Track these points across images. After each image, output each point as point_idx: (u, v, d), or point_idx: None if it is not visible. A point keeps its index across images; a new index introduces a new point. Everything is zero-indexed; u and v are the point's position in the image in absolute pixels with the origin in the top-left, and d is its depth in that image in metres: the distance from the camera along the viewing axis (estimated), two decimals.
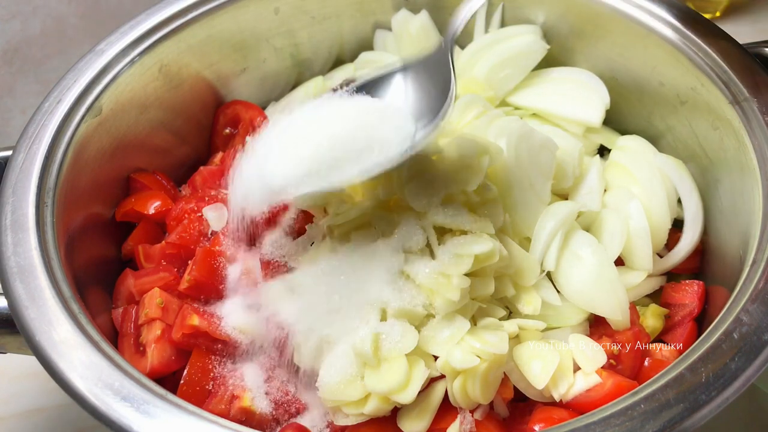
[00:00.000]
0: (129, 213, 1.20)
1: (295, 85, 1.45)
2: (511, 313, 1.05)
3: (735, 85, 1.09)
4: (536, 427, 0.95)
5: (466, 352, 0.93)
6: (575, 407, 0.98)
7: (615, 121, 1.32)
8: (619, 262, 1.13)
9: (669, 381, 0.82)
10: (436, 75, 1.04)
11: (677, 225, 1.18)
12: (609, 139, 1.29)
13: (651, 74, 1.24)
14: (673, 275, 1.18)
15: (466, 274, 0.97)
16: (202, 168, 1.30)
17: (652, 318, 1.09)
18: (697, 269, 1.19)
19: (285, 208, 1.12)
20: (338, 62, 1.47)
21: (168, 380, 1.03)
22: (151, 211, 1.19)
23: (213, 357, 1.03)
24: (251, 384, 0.99)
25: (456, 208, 1.01)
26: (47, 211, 1.02)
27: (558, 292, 1.07)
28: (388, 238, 1.01)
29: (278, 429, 0.99)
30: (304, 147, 0.96)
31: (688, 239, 1.16)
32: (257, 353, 1.06)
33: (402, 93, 1.05)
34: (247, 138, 1.25)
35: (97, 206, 1.18)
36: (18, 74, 1.81)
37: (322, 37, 1.42)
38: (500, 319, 1.02)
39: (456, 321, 0.96)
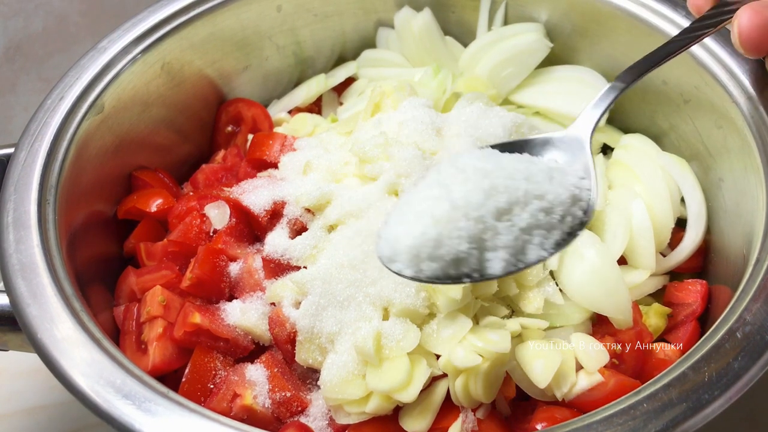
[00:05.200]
0: (131, 211, 1.20)
1: (297, 83, 1.45)
2: (513, 312, 1.05)
3: (739, 84, 1.08)
4: (538, 426, 0.95)
5: (468, 350, 0.93)
6: (577, 406, 0.97)
7: (618, 119, 1.31)
8: (622, 260, 1.12)
9: (672, 380, 0.82)
10: (571, 156, 0.94)
11: (680, 224, 1.18)
12: (612, 137, 1.29)
13: (654, 73, 1.23)
14: (676, 274, 1.17)
15: None
16: (204, 166, 1.30)
17: (654, 317, 1.09)
18: (700, 268, 1.18)
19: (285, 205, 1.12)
20: (341, 60, 1.47)
21: (170, 378, 1.03)
22: (153, 208, 1.19)
23: (215, 355, 1.03)
24: (253, 382, 0.99)
25: None
26: (49, 209, 1.02)
27: (561, 290, 1.06)
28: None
29: (280, 427, 0.99)
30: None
31: (691, 238, 1.16)
32: (259, 351, 1.06)
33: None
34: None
35: (99, 204, 1.18)
36: (20, 71, 1.81)
37: (325, 35, 1.42)
38: (503, 318, 1.02)
39: (458, 319, 0.96)
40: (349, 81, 1.42)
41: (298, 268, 1.06)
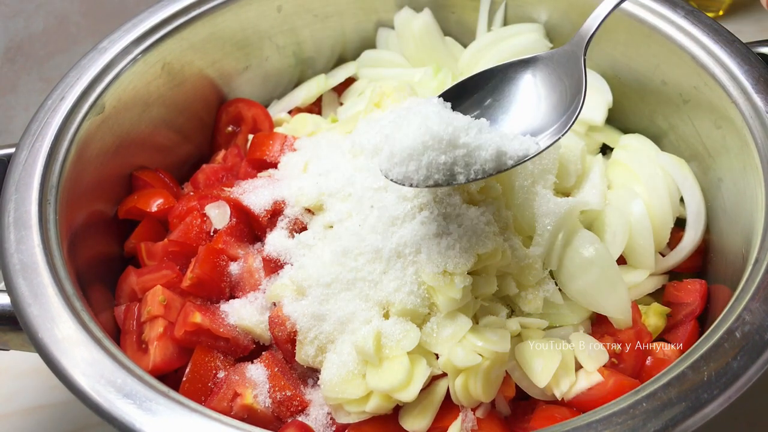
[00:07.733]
0: (131, 210, 1.20)
1: (297, 83, 1.45)
2: (513, 312, 1.05)
3: (738, 84, 1.09)
4: (538, 426, 0.95)
5: (468, 350, 0.93)
6: (577, 406, 0.98)
7: (618, 119, 1.32)
8: (621, 260, 1.12)
9: (671, 380, 0.82)
10: (566, 73, 1.00)
11: (680, 224, 1.18)
12: (612, 137, 1.29)
13: (654, 73, 1.23)
14: (675, 274, 1.18)
15: (469, 273, 0.97)
16: (204, 166, 1.30)
17: (654, 317, 1.09)
18: (700, 268, 1.18)
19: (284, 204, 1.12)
20: (341, 60, 1.47)
21: (170, 378, 1.03)
22: (154, 208, 1.19)
23: (215, 354, 1.03)
24: (253, 382, 0.99)
25: (459, 206, 1.01)
26: (50, 209, 1.02)
27: (560, 290, 1.07)
28: (389, 237, 1.00)
29: (280, 427, 0.99)
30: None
31: (691, 238, 1.16)
32: (259, 351, 1.06)
33: (532, 86, 1.02)
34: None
35: (100, 204, 1.18)
36: (21, 71, 1.82)
37: (325, 35, 1.42)
38: (502, 318, 1.02)
39: (458, 319, 0.96)
40: (349, 81, 1.42)
41: (298, 267, 1.06)
